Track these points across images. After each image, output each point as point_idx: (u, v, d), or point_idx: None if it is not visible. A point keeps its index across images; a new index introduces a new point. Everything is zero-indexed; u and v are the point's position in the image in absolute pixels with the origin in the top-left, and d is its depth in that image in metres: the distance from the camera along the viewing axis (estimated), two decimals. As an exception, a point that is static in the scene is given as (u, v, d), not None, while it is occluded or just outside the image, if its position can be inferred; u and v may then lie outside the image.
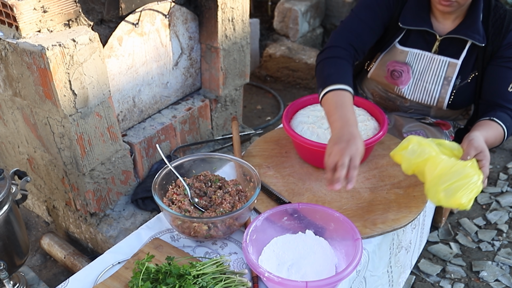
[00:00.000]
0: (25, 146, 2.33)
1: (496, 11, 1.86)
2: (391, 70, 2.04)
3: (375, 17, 1.94)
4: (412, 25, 1.94)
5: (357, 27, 1.93)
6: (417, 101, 2.06)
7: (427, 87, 2.00)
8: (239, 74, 2.84)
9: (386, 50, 2.04)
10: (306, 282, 1.32)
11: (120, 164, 2.33)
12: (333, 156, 1.51)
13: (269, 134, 2.16)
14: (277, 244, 1.56)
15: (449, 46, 1.94)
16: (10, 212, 1.84)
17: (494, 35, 1.86)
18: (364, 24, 1.93)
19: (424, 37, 1.97)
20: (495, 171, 3.08)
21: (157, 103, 2.59)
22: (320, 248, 1.54)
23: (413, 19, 1.94)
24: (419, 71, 2.00)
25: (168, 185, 1.74)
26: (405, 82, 2.03)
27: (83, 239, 2.51)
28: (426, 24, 1.93)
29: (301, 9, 4.16)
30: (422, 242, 2.11)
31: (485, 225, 2.71)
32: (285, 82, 4.18)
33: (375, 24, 1.95)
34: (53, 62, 1.81)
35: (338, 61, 1.83)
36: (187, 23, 2.54)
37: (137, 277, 1.39)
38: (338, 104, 1.67)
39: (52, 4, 1.87)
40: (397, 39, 2.01)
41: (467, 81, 1.94)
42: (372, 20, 1.94)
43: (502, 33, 1.85)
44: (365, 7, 1.96)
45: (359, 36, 1.92)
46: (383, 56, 2.06)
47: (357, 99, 2.05)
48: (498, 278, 2.40)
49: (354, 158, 1.51)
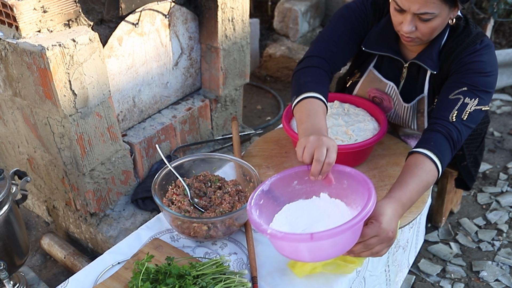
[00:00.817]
0: (25, 146, 2.33)
1: (456, 37, 1.77)
2: (372, 96, 2.05)
3: (352, 29, 1.89)
4: (375, 50, 1.89)
5: (336, 37, 1.88)
6: (400, 126, 2.09)
7: (405, 118, 2.01)
8: (239, 74, 2.84)
9: (364, 74, 2.02)
10: (311, 234, 1.24)
11: (120, 164, 2.33)
12: (308, 148, 1.44)
13: (269, 134, 2.16)
14: (289, 210, 1.50)
15: (415, 73, 1.90)
16: (10, 212, 1.84)
17: (445, 62, 1.79)
18: (343, 35, 1.88)
19: (394, 64, 1.93)
20: (495, 171, 3.08)
21: (157, 103, 2.59)
22: (336, 210, 1.46)
23: (376, 44, 1.88)
24: (397, 104, 1.99)
25: (168, 185, 1.74)
26: (387, 109, 2.04)
27: (83, 239, 2.51)
28: (390, 50, 1.87)
29: (301, 9, 4.16)
30: (419, 241, 2.11)
31: (485, 225, 2.71)
32: (285, 82, 4.18)
33: (353, 36, 1.90)
34: (53, 62, 1.81)
35: (317, 71, 1.79)
36: (187, 23, 2.54)
37: (137, 277, 1.40)
38: (311, 112, 1.61)
39: (52, 4, 1.87)
40: (372, 64, 1.98)
41: (433, 106, 1.91)
42: (350, 32, 1.89)
43: (450, 59, 1.76)
44: (343, 18, 1.91)
45: (337, 46, 1.87)
46: (363, 81, 2.04)
47: (357, 99, 2.05)
48: (498, 278, 2.40)
49: (330, 150, 1.43)
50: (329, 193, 1.51)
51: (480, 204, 2.84)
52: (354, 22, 1.90)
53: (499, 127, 3.49)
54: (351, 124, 1.94)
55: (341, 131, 1.91)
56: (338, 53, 1.88)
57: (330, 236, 1.27)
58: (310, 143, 1.45)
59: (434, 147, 1.59)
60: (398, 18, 1.70)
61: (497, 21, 3.93)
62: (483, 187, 2.95)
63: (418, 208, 1.74)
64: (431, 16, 1.61)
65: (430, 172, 1.55)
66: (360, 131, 1.90)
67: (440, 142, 1.61)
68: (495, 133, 3.42)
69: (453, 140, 1.63)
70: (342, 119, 1.97)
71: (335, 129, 1.91)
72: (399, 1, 1.63)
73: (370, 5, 1.91)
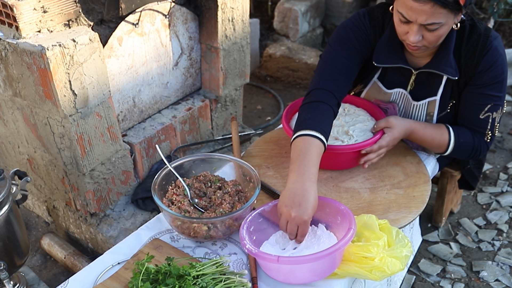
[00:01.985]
0: (25, 146, 2.33)
1: (469, 39, 1.79)
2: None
3: (355, 52, 1.87)
4: (387, 63, 1.88)
5: (338, 65, 1.85)
6: None
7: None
8: (239, 74, 2.84)
9: (368, 85, 2.02)
10: (278, 256, 1.39)
11: (120, 164, 2.33)
12: (283, 221, 1.52)
13: (269, 134, 2.16)
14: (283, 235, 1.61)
15: (425, 79, 1.91)
16: (10, 212, 1.84)
17: (466, 66, 1.81)
18: (345, 60, 1.85)
19: (400, 72, 1.93)
20: (495, 171, 3.08)
21: (157, 103, 2.59)
22: (327, 241, 1.54)
23: (387, 57, 1.88)
24: (404, 108, 1.99)
25: (168, 186, 1.74)
26: None
27: (83, 239, 2.51)
28: (400, 60, 1.87)
29: (301, 9, 4.16)
30: (416, 240, 2.11)
31: (485, 225, 2.71)
32: (285, 82, 4.18)
33: (355, 59, 1.88)
34: (53, 62, 1.81)
35: (320, 105, 1.75)
36: (187, 23, 2.54)
37: (137, 277, 1.40)
38: (302, 152, 1.60)
39: (52, 4, 1.87)
40: (377, 75, 1.98)
41: (447, 111, 1.92)
42: (353, 56, 1.87)
43: (474, 63, 1.80)
44: (343, 41, 1.87)
45: (341, 73, 1.84)
46: (367, 92, 2.03)
47: (357, 99, 2.05)
48: (498, 278, 2.40)
49: (302, 226, 1.49)
50: (326, 225, 1.61)
51: (480, 204, 2.84)
52: (356, 45, 1.87)
53: (499, 127, 3.49)
54: (352, 124, 1.94)
55: (341, 131, 1.91)
56: (343, 81, 1.85)
57: (294, 262, 1.41)
58: (283, 217, 1.53)
59: (454, 128, 1.90)
60: (403, 29, 1.69)
61: (497, 21, 3.93)
62: (483, 187, 2.95)
63: (418, 208, 1.74)
64: (438, 25, 1.61)
65: (443, 134, 1.89)
66: (360, 132, 1.90)
67: (463, 130, 1.90)
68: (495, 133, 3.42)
69: (476, 146, 1.92)
70: (342, 119, 1.97)
71: (335, 129, 1.91)
72: (405, 13, 1.62)
73: (368, 22, 1.88)
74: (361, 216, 1.58)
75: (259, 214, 1.60)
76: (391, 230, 1.55)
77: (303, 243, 1.55)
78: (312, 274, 1.46)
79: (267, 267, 1.50)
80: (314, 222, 1.61)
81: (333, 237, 1.56)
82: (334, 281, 1.50)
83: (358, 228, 1.56)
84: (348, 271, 1.47)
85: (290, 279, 1.48)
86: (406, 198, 1.78)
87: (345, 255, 1.49)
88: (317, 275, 1.47)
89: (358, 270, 1.46)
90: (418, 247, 2.32)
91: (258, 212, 1.60)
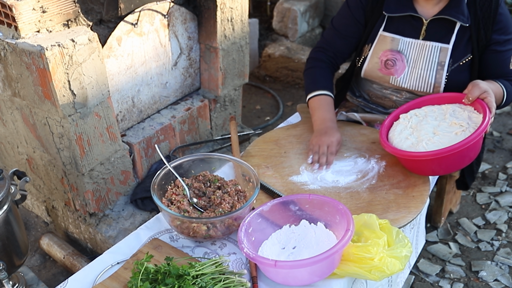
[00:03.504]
0: (24, 146, 2.33)
1: None
2: (384, 60, 2.06)
3: (351, 22, 2.13)
4: (397, 12, 1.99)
5: (333, 35, 2.19)
6: (414, 90, 2.06)
7: (422, 74, 2.02)
8: (238, 74, 2.84)
9: (374, 41, 2.07)
10: (275, 261, 1.40)
11: (119, 164, 2.33)
12: (314, 146, 1.95)
13: (268, 134, 2.16)
14: (286, 231, 1.62)
15: (436, 30, 1.98)
16: (9, 212, 1.84)
17: (484, 19, 1.92)
18: (343, 28, 2.16)
19: (410, 23, 2.01)
20: (494, 171, 3.08)
21: (156, 103, 2.59)
22: (326, 241, 1.55)
23: (396, 6, 1.99)
24: (413, 59, 2.02)
25: (167, 185, 1.74)
26: (400, 71, 2.05)
27: (82, 239, 2.51)
28: (410, 9, 1.98)
29: (300, 9, 4.16)
30: (420, 241, 2.11)
31: (484, 225, 2.71)
32: (284, 82, 4.18)
33: (352, 28, 2.14)
34: (52, 62, 1.81)
35: (317, 71, 2.19)
36: (186, 23, 2.54)
37: (136, 277, 1.40)
38: (316, 107, 2.09)
39: (51, 4, 1.87)
40: (381, 28, 2.05)
41: (459, 63, 1.98)
42: (348, 26, 2.14)
43: (491, 17, 1.92)
44: (340, 17, 2.18)
45: (342, 38, 2.17)
46: (374, 48, 2.08)
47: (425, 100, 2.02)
48: (497, 278, 2.40)
49: (331, 146, 1.93)
50: (325, 223, 1.61)
51: (479, 204, 2.84)
52: (354, 12, 2.11)
53: (498, 127, 3.50)
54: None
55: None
56: (339, 46, 2.19)
57: (292, 267, 1.42)
58: (314, 143, 1.99)
59: (500, 81, 2.01)
60: None
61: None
62: (482, 187, 2.95)
63: (417, 208, 1.74)
64: None
65: (498, 88, 1.98)
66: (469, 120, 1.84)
67: (505, 82, 2.02)
68: (494, 133, 3.42)
69: None
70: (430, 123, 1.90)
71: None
72: None
73: None
74: (362, 216, 1.58)
75: (258, 214, 1.60)
76: (391, 230, 1.55)
77: (302, 243, 1.55)
78: (310, 276, 1.47)
79: (265, 270, 1.50)
80: (313, 220, 1.61)
81: (332, 235, 1.56)
82: (333, 281, 1.50)
83: (358, 228, 1.56)
84: (347, 271, 1.48)
85: (289, 280, 1.48)
86: (405, 198, 1.78)
87: (344, 255, 1.49)
88: (315, 276, 1.47)
89: (357, 270, 1.46)
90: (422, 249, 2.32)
91: (257, 212, 1.60)
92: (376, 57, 2.07)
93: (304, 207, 1.64)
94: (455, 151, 1.71)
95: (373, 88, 2.18)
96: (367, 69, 2.11)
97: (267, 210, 1.62)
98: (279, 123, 2.48)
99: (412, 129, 1.87)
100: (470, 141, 1.70)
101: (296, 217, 1.64)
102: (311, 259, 1.38)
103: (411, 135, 1.84)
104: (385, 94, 2.16)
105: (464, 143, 1.70)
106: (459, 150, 1.71)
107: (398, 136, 1.86)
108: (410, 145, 1.80)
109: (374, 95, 2.21)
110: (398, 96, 2.13)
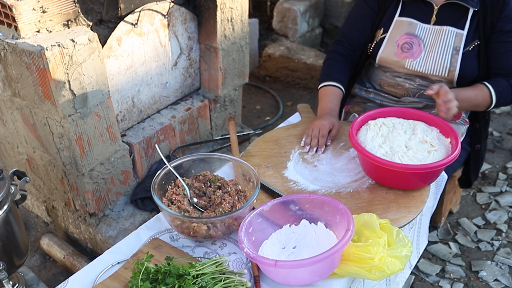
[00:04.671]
0: (24, 147, 2.33)
1: None
2: (401, 44, 2.09)
3: (366, 12, 2.18)
4: None
5: (349, 27, 2.26)
6: (429, 73, 2.07)
7: (438, 58, 2.04)
8: (238, 74, 2.84)
9: (390, 27, 2.12)
10: (275, 261, 1.39)
11: (119, 164, 2.33)
12: (308, 130, 2.06)
13: (268, 134, 2.16)
14: (286, 231, 1.62)
15: (446, 15, 2.02)
16: (9, 213, 1.84)
17: (492, 6, 1.95)
18: (358, 19, 2.22)
19: (421, 8, 2.06)
20: (494, 171, 3.08)
21: (156, 103, 2.59)
22: (326, 240, 1.55)
23: None
24: (429, 44, 2.05)
25: (168, 185, 1.73)
26: (416, 55, 2.07)
27: (82, 239, 2.51)
28: None
29: (300, 9, 4.16)
30: (422, 242, 2.11)
31: (484, 225, 2.71)
32: (284, 82, 4.18)
33: (368, 18, 2.19)
34: (52, 62, 1.81)
35: (332, 62, 2.27)
36: (186, 23, 2.54)
37: (137, 277, 1.39)
38: (321, 97, 2.19)
39: (51, 4, 1.87)
40: (397, 13, 2.10)
41: (469, 49, 2.01)
42: (363, 16, 2.19)
43: (499, 4, 1.94)
44: (356, 8, 2.24)
45: (357, 30, 2.22)
46: (390, 33, 2.12)
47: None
48: (497, 278, 2.40)
49: (322, 128, 2.02)
50: (325, 223, 1.61)
51: (479, 204, 2.85)
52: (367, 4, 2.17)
53: (498, 127, 3.50)
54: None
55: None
56: (356, 39, 2.24)
57: (292, 266, 1.42)
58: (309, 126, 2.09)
59: (490, 81, 2.01)
60: None
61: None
62: (482, 187, 2.95)
63: (417, 208, 1.74)
64: None
65: (482, 90, 2.00)
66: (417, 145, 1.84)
67: (498, 80, 2.01)
68: (495, 133, 3.42)
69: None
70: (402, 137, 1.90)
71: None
72: None
73: None
74: (362, 215, 1.58)
75: (258, 214, 1.60)
76: (391, 230, 1.55)
77: (303, 243, 1.55)
78: (311, 276, 1.47)
79: (266, 270, 1.50)
80: (313, 220, 1.61)
81: (332, 235, 1.56)
82: (333, 281, 1.50)
83: (359, 227, 1.56)
84: (347, 271, 1.47)
85: (289, 280, 1.48)
86: (405, 198, 1.78)
87: (344, 255, 1.49)
88: (316, 276, 1.47)
89: (357, 270, 1.46)
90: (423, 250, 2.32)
91: (257, 212, 1.60)
92: (392, 42, 2.11)
93: (304, 206, 1.64)
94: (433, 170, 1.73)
95: (386, 76, 2.20)
96: (382, 55, 2.13)
97: (268, 210, 1.62)
98: (279, 123, 2.48)
99: (384, 138, 1.85)
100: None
101: (296, 216, 1.64)
102: (311, 259, 1.38)
103: (384, 143, 1.83)
104: (398, 82, 2.17)
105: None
106: (434, 170, 1.75)
107: (371, 142, 1.84)
108: (384, 153, 1.79)
109: (386, 84, 2.22)
110: (411, 83, 2.14)
